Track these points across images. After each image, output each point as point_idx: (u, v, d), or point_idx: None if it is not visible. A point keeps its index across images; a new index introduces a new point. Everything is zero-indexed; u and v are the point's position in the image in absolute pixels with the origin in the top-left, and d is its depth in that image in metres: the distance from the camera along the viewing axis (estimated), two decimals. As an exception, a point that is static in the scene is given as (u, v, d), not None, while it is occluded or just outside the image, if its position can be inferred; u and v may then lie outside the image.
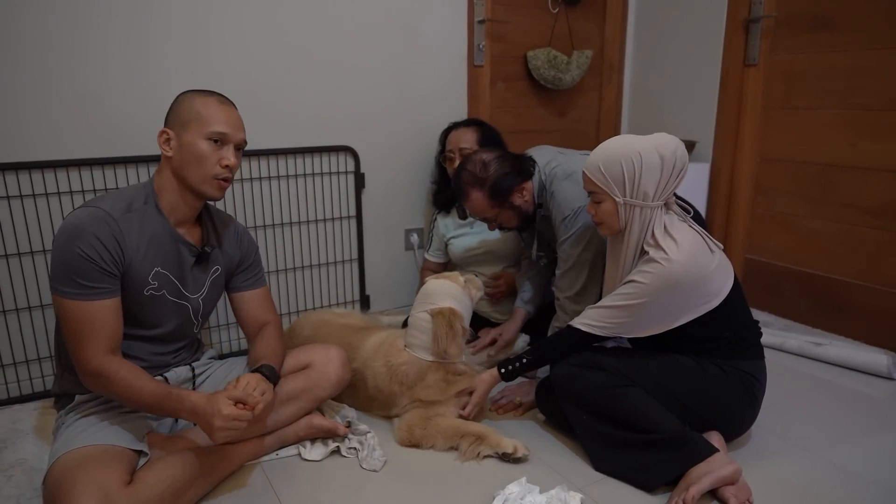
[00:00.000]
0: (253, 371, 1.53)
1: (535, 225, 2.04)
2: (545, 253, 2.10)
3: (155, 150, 2.03)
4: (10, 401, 2.03)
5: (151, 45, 2.06)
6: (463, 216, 2.44)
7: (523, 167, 1.92)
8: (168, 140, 1.50)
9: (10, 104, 1.91)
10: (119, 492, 1.27)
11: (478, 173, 1.90)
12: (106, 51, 2.00)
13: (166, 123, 1.52)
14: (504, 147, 2.31)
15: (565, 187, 1.85)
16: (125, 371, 1.40)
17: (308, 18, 2.31)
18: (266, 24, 2.24)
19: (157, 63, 2.08)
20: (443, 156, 2.46)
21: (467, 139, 2.35)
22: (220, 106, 1.51)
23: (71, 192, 2.02)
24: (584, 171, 1.63)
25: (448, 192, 2.47)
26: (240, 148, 1.55)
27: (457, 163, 2.32)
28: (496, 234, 2.33)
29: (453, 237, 2.47)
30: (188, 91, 1.54)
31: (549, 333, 1.97)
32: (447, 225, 2.50)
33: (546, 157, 1.97)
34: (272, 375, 1.55)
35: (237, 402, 1.41)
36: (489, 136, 2.37)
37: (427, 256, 2.58)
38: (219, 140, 1.49)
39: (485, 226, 2.35)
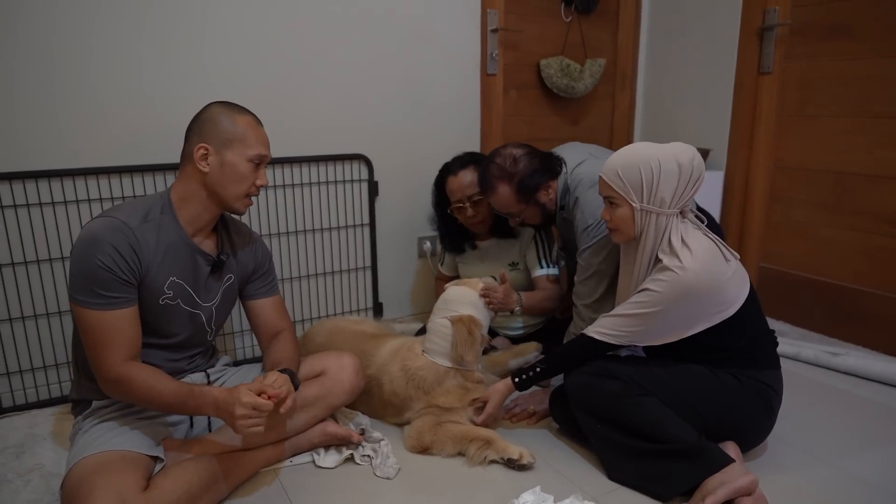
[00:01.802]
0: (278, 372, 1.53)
1: (555, 224, 2.04)
2: (565, 254, 2.10)
3: (164, 159, 2.08)
4: (28, 406, 2.06)
5: (163, 55, 2.09)
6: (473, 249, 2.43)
7: (551, 165, 1.94)
8: (206, 156, 1.50)
9: (23, 114, 1.93)
10: (136, 497, 1.28)
11: (507, 167, 1.90)
12: (117, 60, 2.03)
13: (201, 137, 1.50)
14: None
15: (590, 196, 1.84)
16: (146, 374, 1.42)
17: (322, 27, 2.33)
18: (280, 34, 2.26)
19: (170, 72, 2.10)
20: (444, 203, 2.32)
21: (472, 183, 2.17)
22: (259, 128, 1.56)
23: (89, 201, 2.04)
24: (600, 176, 1.62)
25: (454, 239, 2.40)
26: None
27: (468, 212, 2.22)
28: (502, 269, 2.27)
29: (461, 262, 2.46)
30: (220, 105, 1.55)
31: (565, 341, 1.96)
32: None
33: (577, 157, 1.96)
34: (294, 379, 1.55)
35: (259, 393, 1.41)
36: None
37: (440, 268, 2.59)
38: (258, 162, 1.54)
39: (494, 262, 2.32)
